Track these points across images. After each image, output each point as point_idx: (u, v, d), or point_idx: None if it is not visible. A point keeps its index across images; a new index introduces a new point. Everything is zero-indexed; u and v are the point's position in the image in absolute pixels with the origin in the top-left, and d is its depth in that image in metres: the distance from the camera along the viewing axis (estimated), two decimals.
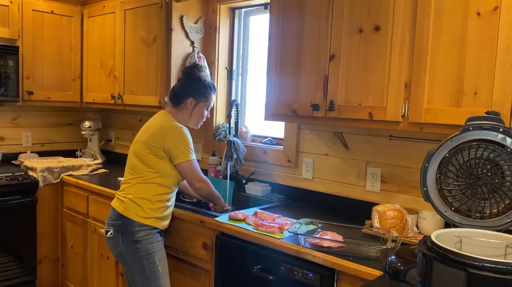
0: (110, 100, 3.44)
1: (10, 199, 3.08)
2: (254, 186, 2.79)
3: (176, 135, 2.25)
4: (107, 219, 2.33)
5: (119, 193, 2.33)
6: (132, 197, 2.25)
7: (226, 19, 3.18)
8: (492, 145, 1.40)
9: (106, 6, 3.46)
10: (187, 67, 2.49)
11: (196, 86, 2.35)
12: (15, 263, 3.16)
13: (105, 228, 2.32)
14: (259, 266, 2.01)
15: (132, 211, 2.24)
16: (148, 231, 2.24)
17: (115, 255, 2.34)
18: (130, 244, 2.22)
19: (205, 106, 2.40)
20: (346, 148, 2.49)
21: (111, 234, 2.27)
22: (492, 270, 1.05)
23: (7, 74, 3.24)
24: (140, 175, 2.27)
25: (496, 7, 1.60)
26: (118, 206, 2.28)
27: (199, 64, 2.46)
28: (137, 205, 2.24)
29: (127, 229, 2.23)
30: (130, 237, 2.22)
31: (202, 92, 2.36)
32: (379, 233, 1.97)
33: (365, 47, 1.97)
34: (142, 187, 2.26)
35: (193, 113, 2.37)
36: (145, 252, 2.21)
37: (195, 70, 2.39)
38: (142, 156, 2.27)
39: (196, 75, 2.37)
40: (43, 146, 3.92)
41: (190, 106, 2.35)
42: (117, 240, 2.25)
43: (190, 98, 2.34)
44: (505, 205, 1.41)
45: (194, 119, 2.40)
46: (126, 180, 2.34)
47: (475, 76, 1.66)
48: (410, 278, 1.49)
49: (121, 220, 2.24)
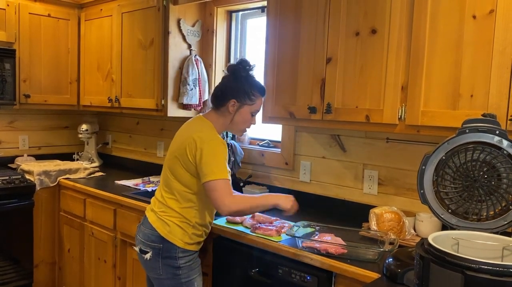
0: (107, 103, 3.43)
1: (6, 202, 3.06)
2: (252, 189, 2.79)
3: (209, 148, 1.91)
4: (144, 237, 2.04)
5: (159, 212, 2.03)
6: (177, 221, 1.99)
7: (223, 22, 3.18)
8: (488, 148, 1.40)
9: (103, 9, 3.46)
10: (233, 64, 2.10)
11: (241, 86, 2.01)
12: (12, 267, 3.15)
13: (141, 246, 2.05)
14: (256, 269, 2.01)
15: (177, 236, 1.98)
16: (191, 257, 2.04)
17: (152, 277, 2.08)
18: (171, 270, 2.00)
19: (250, 110, 2.05)
20: (343, 150, 2.50)
21: (150, 256, 2.00)
22: (489, 272, 1.05)
23: (4, 77, 3.23)
24: (179, 196, 2.00)
25: (492, 10, 1.61)
26: (160, 227, 2.00)
27: (247, 61, 2.06)
28: (183, 230, 1.99)
29: (169, 255, 1.99)
30: (172, 263, 1.99)
31: (247, 93, 2.01)
32: (377, 235, 1.97)
33: (361, 50, 1.98)
34: (185, 213, 2.00)
35: (235, 117, 2.03)
36: (187, 278, 2.02)
37: (242, 68, 2.04)
38: (177, 173, 1.99)
39: (243, 73, 2.03)
40: (40, 149, 3.91)
41: (232, 109, 2.01)
42: (157, 264, 2.01)
43: (233, 100, 2.01)
44: (501, 207, 1.41)
45: (237, 124, 2.06)
46: (163, 199, 2.04)
47: (471, 79, 1.67)
48: (407, 280, 1.49)
49: (163, 244, 1.99)
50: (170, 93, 2.99)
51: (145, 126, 3.77)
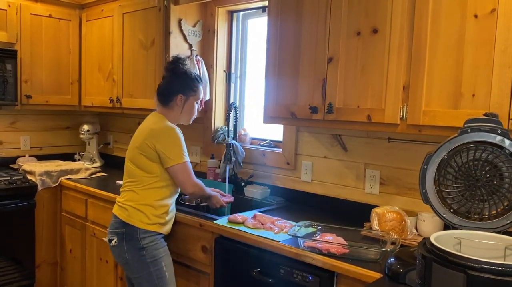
0: (108, 104, 3.43)
1: (8, 203, 3.07)
2: (253, 189, 2.79)
3: (167, 137, 2.18)
4: (110, 227, 2.28)
5: (120, 201, 2.28)
6: (134, 205, 2.21)
7: (224, 22, 3.18)
8: (490, 147, 1.40)
9: (104, 10, 3.46)
10: (170, 62, 2.35)
11: (183, 81, 2.28)
12: (14, 268, 3.15)
13: (108, 236, 2.27)
14: (258, 269, 2.01)
15: (135, 218, 2.19)
16: (153, 237, 2.20)
17: (121, 263, 2.30)
18: (135, 252, 2.18)
19: (195, 100, 2.32)
20: (344, 150, 2.49)
21: (116, 242, 2.22)
22: (491, 272, 1.05)
23: (5, 78, 3.24)
24: (139, 181, 2.23)
25: (493, 10, 1.61)
26: (120, 213, 2.23)
27: (181, 58, 2.33)
28: (140, 211, 2.20)
29: (131, 237, 2.19)
30: (135, 244, 2.18)
31: (190, 86, 2.28)
32: (378, 235, 1.97)
33: (363, 49, 1.97)
34: (143, 193, 2.22)
35: (183, 110, 2.29)
36: (152, 258, 2.18)
37: (179, 65, 2.30)
38: (137, 162, 2.22)
39: (181, 69, 2.29)
40: (42, 149, 3.91)
41: (180, 103, 2.27)
42: (122, 248, 2.21)
43: (179, 95, 2.26)
44: (504, 206, 1.41)
45: (186, 115, 2.33)
46: (126, 187, 2.29)
47: (473, 78, 1.67)
48: (409, 280, 1.49)
49: (125, 228, 2.20)
50: None
51: None
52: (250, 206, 2.70)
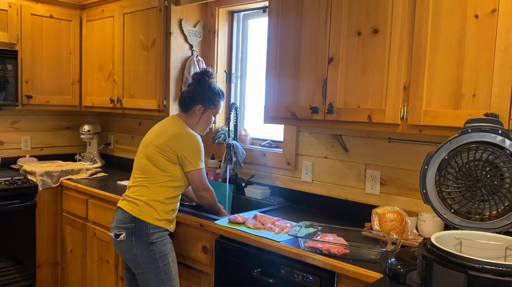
0: (109, 104, 3.44)
1: (9, 203, 3.07)
2: (254, 189, 2.79)
3: (191, 143, 2.27)
4: (116, 222, 2.28)
5: (130, 195, 2.29)
6: (145, 199, 2.23)
7: (225, 23, 3.19)
8: (491, 147, 1.40)
9: (105, 10, 3.46)
10: (198, 73, 2.47)
11: (206, 93, 2.36)
12: (14, 268, 3.15)
13: (115, 231, 2.26)
14: (259, 269, 2.01)
15: (146, 213, 2.22)
16: (162, 233, 2.24)
17: (127, 258, 2.28)
18: (145, 247, 2.20)
19: (213, 113, 2.41)
20: (345, 150, 2.50)
21: (124, 237, 2.22)
22: (492, 272, 1.05)
23: (6, 78, 3.24)
24: (152, 177, 2.26)
25: (494, 10, 1.61)
26: (130, 208, 2.24)
27: (209, 71, 2.44)
28: (151, 207, 2.22)
29: (141, 232, 2.20)
30: (145, 239, 2.20)
31: (211, 99, 2.37)
32: (379, 235, 1.97)
33: (363, 49, 1.97)
34: (155, 189, 2.25)
35: (200, 120, 2.38)
36: (160, 253, 2.21)
37: (206, 77, 2.39)
38: (155, 160, 2.26)
39: (207, 82, 2.38)
40: (42, 150, 3.91)
41: (198, 113, 2.36)
42: (131, 243, 2.21)
43: (199, 105, 2.35)
44: (504, 207, 1.41)
45: (202, 125, 2.41)
46: (137, 181, 2.30)
47: (473, 78, 1.67)
48: (410, 280, 1.49)
49: (135, 223, 2.21)
50: (172, 94, 3.00)
51: (147, 126, 3.75)
52: (251, 206, 2.70)
